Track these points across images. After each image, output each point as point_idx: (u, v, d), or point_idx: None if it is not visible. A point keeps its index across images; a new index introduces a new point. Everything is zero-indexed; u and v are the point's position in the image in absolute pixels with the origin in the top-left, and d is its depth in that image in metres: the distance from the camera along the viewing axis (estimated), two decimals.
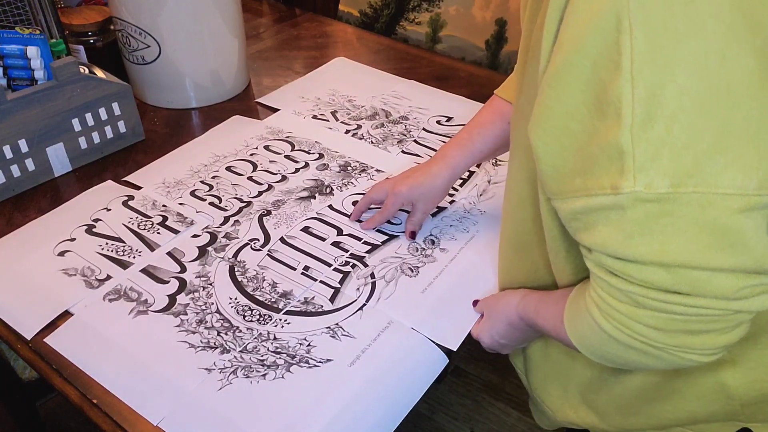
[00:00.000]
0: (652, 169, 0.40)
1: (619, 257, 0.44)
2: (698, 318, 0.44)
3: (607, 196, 0.42)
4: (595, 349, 0.53)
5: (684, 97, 0.38)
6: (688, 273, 0.42)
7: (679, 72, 0.38)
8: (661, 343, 0.47)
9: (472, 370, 1.62)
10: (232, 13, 1.13)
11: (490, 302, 0.74)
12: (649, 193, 0.40)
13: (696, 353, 0.47)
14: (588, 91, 0.42)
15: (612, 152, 0.41)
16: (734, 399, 0.57)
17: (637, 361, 0.51)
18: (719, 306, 0.43)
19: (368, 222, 0.88)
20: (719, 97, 0.38)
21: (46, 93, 0.92)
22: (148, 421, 0.65)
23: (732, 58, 0.38)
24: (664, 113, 0.39)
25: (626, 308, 0.46)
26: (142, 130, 1.07)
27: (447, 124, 1.12)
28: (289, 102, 1.18)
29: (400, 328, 0.74)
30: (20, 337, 0.73)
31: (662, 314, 0.45)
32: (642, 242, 0.42)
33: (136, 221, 0.89)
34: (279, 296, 0.78)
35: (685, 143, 0.39)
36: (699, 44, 0.38)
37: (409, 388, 0.69)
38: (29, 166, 0.94)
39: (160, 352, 0.71)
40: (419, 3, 1.46)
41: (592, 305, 0.50)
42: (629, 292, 0.45)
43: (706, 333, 0.46)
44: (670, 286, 0.43)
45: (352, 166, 1.01)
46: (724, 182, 0.39)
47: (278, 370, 0.69)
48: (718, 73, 0.38)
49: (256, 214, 0.91)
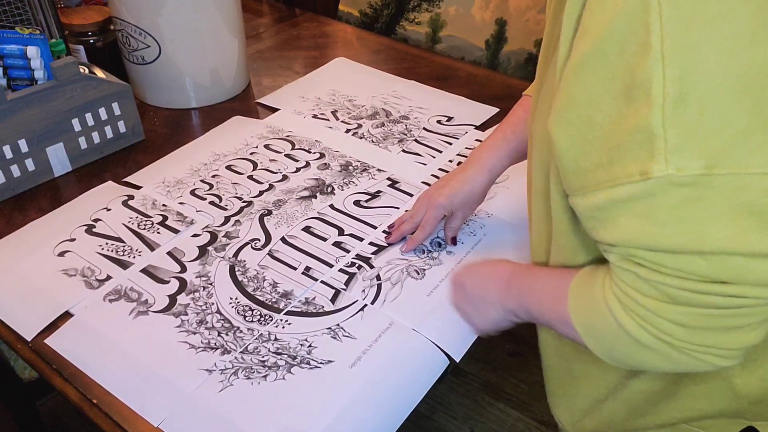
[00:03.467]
0: (685, 151, 0.39)
1: (652, 249, 0.43)
2: (734, 311, 0.43)
3: (635, 184, 0.41)
4: (608, 346, 0.52)
5: (715, 79, 0.38)
6: (727, 259, 0.41)
7: (710, 53, 0.37)
8: (685, 342, 0.46)
9: (472, 369, 1.61)
10: (232, 13, 1.13)
11: (473, 295, 0.69)
12: (683, 176, 0.39)
13: (718, 354, 0.46)
14: (615, 78, 0.41)
15: (641, 136, 0.40)
16: (741, 397, 0.57)
17: (649, 363, 0.50)
18: (759, 294, 0.42)
19: (409, 243, 0.84)
20: (750, 78, 0.38)
21: (46, 93, 0.91)
22: (148, 422, 0.65)
23: (761, 40, 0.37)
24: (697, 94, 0.38)
25: (654, 303, 0.45)
26: (142, 130, 1.07)
27: (447, 123, 1.12)
28: (289, 102, 1.18)
29: (402, 329, 0.74)
30: (20, 337, 0.73)
31: (694, 309, 0.44)
32: (677, 231, 0.41)
33: (136, 221, 0.89)
34: (280, 296, 0.78)
35: (719, 125, 0.38)
36: (728, 26, 0.37)
37: (410, 389, 0.69)
38: (29, 166, 0.94)
39: (160, 353, 0.71)
40: (419, 3, 1.46)
41: (614, 300, 0.48)
42: (662, 284, 0.44)
43: (735, 329, 0.45)
44: (709, 274, 0.42)
45: (353, 165, 1.01)
46: (759, 162, 0.38)
47: (279, 371, 0.69)
48: (748, 55, 0.37)
49: (257, 214, 0.91)
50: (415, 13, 1.47)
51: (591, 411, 0.69)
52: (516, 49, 1.38)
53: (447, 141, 1.07)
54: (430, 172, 1.00)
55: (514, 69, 1.39)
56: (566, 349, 0.69)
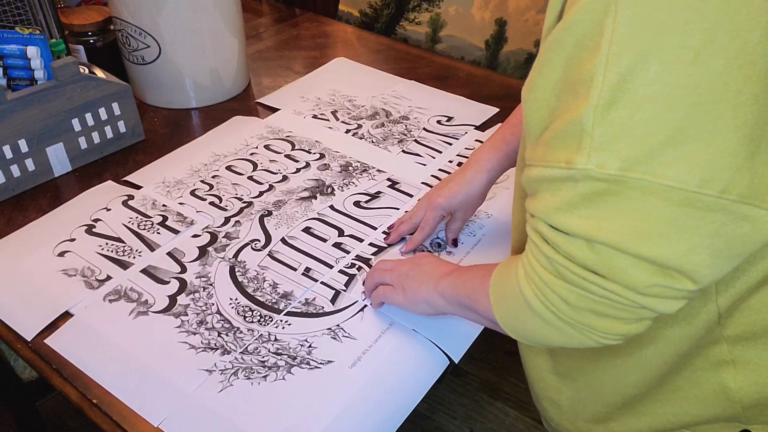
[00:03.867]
0: (606, 151, 0.41)
1: (554, 226, 0.47)
2: (606, 302, 0.47)
3: (561, 170, 0.44)
4: (512, 316, 0.56)
5: (652, 87, 0.40)
6: (611, 255, 0.44)
7: (653, 62, 0.39)
8: (568, 317, 0.50)
9: (471, 369, 1.62)
10: (232, 13, 1.13)
11: (408, 283, 0.71)
12: (600, 173, 0.42)
13: (598, 335, 0.50)
14: (568, 69, 0.44)
15: (574, 129, 0.42)
16: (735, 401, 0.57)
17: (547, 336, 0.53)
18: (627, 296, 0.46)
19: (409, 244, 0.85)
20: (684, 94, 0.39)
21: (46, 93, 0.91)
22: (148, 422, 0.65)
23: (704, 58, 0.39)
24: (630, 99, 0.40)
25: (547, 275, 0.49)
26: (142, 130, 1.07)
27: (447, 123, 1.12)
28: (289, 102, 1.18)
29: (401, 330, 0.74)
30: (20, 337, 0.73)
31: (576, 289, 0.48)
32: (579, 215, 0.44)
33: (136, 221, 0.89)
34: (280, 297, 0.78)
35: (644, 132, 0.40)
36: (677, 39, 0.39)
37: (409, 389, 0.69)
38: (29, 166, 0.94)
39: (160, 353, 0.71)
40: (419, 3, 1.46)
41: (520, 268, 0.53)
42: (553, 260, 0.48)
43: (609, 318, 0.48)
44: (590, 264, 0.46)
45: (353, 166, 1.01)
46: (670, 174, 0.40)
47: (279, 371, 0.69)
48: (688, 71, 0.39)
49: (257, 215, 0.91)
50: (415, 13, 1.47)
51: (579, 410, 0.69)
52: (515, 49, 1.38)
53: (447, 141, 1.07)
54: (430, 172, 1.00)
55: (514, 69, 1.40)
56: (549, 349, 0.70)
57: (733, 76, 0.39)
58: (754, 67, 0.39)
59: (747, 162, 0.40)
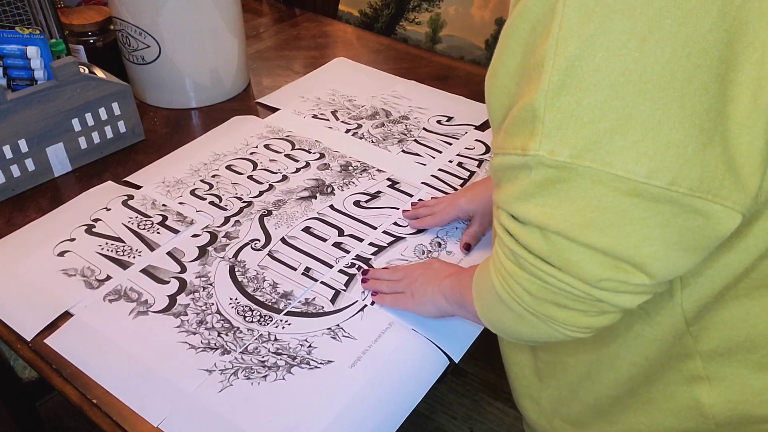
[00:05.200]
0: (556, 137, 0.41)
1: (513, 215, 0.46)
2: (564, 293, 0.46)
3: (517, 156, 0.43)
4: (487, 308, 0.56)
5: (598, 73, 0.39)
6: (563, 246, 0.44)
7: (599, 48, 0.39)
8: (532, 308, 0.49)
9: (471, 369, 1.62)
10: (232, 13, 1.13)
11: (416, 286, 0.73)
12: (551, 159, 0.41)
13: (562, 327, 0.49)
14: (525, 54, 0.43)
15: (528, 114, 0.42)
16: (709, 418, 0.56)
17: (518, 329, 0.53)
18: (582, 288, 0.45)
19: (420, 221, 0.87)
20: (631, 80, 0.39)
21: (46, 93, 0.91)
22: (148, 422, 0.65)
23: (651, 45, 0.38)
24: (577, 85, 0.39)
25: (510, 266, 0.49)
26: (142, 130, 1.07)
27: (447, 123, 1.12)
28: (289, 102, 1.18)
29: (401, 330, 0.74)
30: (20, 337, 0.73)
31: (536, 280, 0.47)
32: (534, 203, 0.44)
33: (136, 221, 0.89)
34: (279, 297, 0.78)
35: (591, 118, 0.40)
36: (624, 25, 0.38)
37: (409, 389, 0.69)
38: (29, 166, 0.94)
39: (160, 353, 0.71)
40: (419, 3, 1.46)
41: (491, 261, 0.53)
42: (514, 251, 0.47)
43: (570, 309, 0.47)
44: (545, 255, 0.45)
45: (353, 165, 1.01)
46: (617, 163, 0.40)
47: (279, 371, 0.69)
48: (633, 57, 0.38)
49: (256, 215, 0.91)
50: (415, 13, 1.47)
51: (556, 411, 0.69)
52: None
53: (447, 141, 1.07)
54: (430, 172, 1.00)
55: None
56: (528, 348, 0.70)
57: (681, 65, 0.38)
58: (705, 56, 0.38)
59: (697, 154, 0.39)
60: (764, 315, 0.51)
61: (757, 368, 0.53)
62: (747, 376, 0.53)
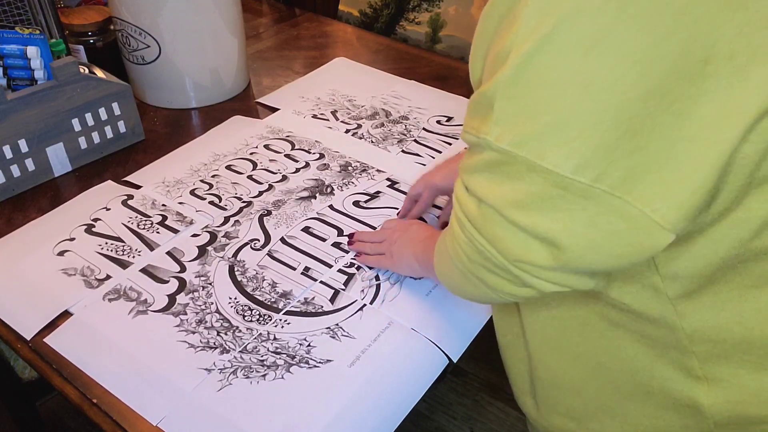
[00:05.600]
0: (502, 126, 0.44)
1: (464, 184, 0.51)
2: (491, 262, 0.50)
3: (473, 137, 0.47)
4: (441, 265, 0.62)
5: (546, 73, 0.41)
6: (494, 219, 0.48)
7: (550, 50, 0.41)
8: (469, 270, 0.54)
9: (472, 369, 1.62)
10: (232, 13, 1.13)
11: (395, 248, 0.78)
12: (497, 145, 0.45)
13: (492, 290, 0.53)
14: (492, 42, 0.46)
15: (484, 100, 0.45)
16: (707, 418, 0.56)
17: (465, 288, 0.58)
18: (502, 262, 0.49)
19: (410, 215, 0.90)
20: (574, 84, 0.41)
21: (46, 93, 0.92)
22: (147, 421, 0.65)
23: (596, 54, 0.40)
24: (526, 81, 0.42)
25: (457, 229, 0.53)
26: (142, 130, 1.07)
27: (447, 123, 1.12)
28: (289, 102, 1.18)
29: (401, 329, 0.74)
30: (20, 337, 0.73)
31: (471, 245, 0.51)
32: (481, 177, 0.48)
33: (136, 221, 0.89)
34: (279, 296, 0.78)
35: (533, 113, 0.43)
36: (574, 31, 0.40)
37: (409, 388, 0.70)
38: (29, 166, 0.95)
39: (159, 352, 0.71)
40: (419, 3, 1.46)
41: (448, 225, 0.58)
42: (458, 216, 0.52)
43: (499, 277, 0.51)
44: (477, 224, 0.49)
45: (352, 166, 1.01)
46: (549, 157, 0.43)
47: (278, 370, 0.69)
48: (579, 63, 0.40)
49: (256, 215, 0.91)
50: (415, 13, 1.47)
51: (554, 408, 0.69)
52: None
53: (446, 141, 1.07)
54: None
55: None
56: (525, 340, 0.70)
57: (622, 74, 0.40)
58: (650, 67, 0.39)
59: (625, 157, 0.41)
60: (758, 317, 0.51)
61: (753, 369, 0.53)
62: (744, 377, 0.53)
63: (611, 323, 0.58)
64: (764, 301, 0.50)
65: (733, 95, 0.40)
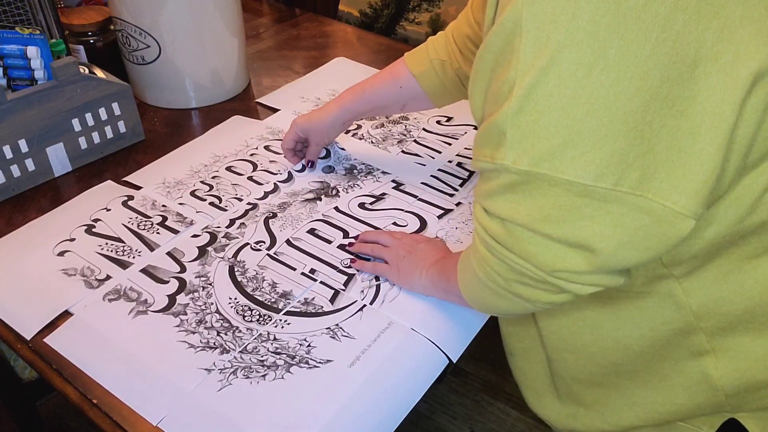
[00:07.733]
0: (518, 149, 0.48)
1: (485, 208, 0.55)
2: (527, 276, 0.54)
3: (487, 163, 0.51)
4: (470, 288, 0.64)
5: (551, 98, 0.45)
6: (524, 237, 0.51)
7: (551, 77, 0.45)
8: (502, 287, 0.57)
9: (472, 369, 1.62)
10: (232, 13, 1.13)
11: (403, 264, 0.78)
12: (514, 167, 0.49)
13: (529, 302, 0.57)
14: (491, 80, 0.51)
15: (494, 130, 0.49)
16: (718, 389, 0.60)
17: (498, 304, 0.61)
18: (539, 274, 0.52)
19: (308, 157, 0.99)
20: (579, 103, 0.45)
21: (46, 93, 0.91)
22: (147, 421, 0.65)
23: (596, 73, 0.44)
24: (533, 108, 0.46)
25: (483, 251, 0.57)
26: (142, 130, 1.07)
27: (447, 123, 1.12)
28: (289, 102, 1.18)
29: (401, 329, 0.74)
30: (20, 337, 0.73)
31: (503, 264, 0.55)
32: (503, 200, 0.52)
33: (136, 221, 0.89)
34: (279, 296, 0.78)
35: (545, 135, 0.46)
36: (572, 57, 0.44)
37: (409, 388, 0.69)
38: (29, 166, 0.94)
39: (159, 353, 0.71)
40: (419, 3, 1.46)
41: (471, 248, 0.61)
42: (484, 239, 0.56)
43: (534, 288, 0.55)
44: (506, 243, 0.53)
45: (357, 168, 1.01)
46: (568, 170, 0.47)
47: (278, 370, 0.69)
48: (581, 84, 0.44)
49: (261, 217, 0.91)
50: (415, 13, 1.47)
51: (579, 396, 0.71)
52: None
53: (446, 141, 1.07)
54: (430, 172, 1.00)
55: None
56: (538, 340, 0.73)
57: (623, 87, 0.44)
58: (646, 77, 0.43)
59: (638, 159, 0.45)
60: (758, 286, 0.55)
61: (757, 335, 0.57)
62: (749, 344, 0.58)
63: (620, 321, 0.62)
64: (763, 270, 0.55)
65: (726, 91, 0.43)
